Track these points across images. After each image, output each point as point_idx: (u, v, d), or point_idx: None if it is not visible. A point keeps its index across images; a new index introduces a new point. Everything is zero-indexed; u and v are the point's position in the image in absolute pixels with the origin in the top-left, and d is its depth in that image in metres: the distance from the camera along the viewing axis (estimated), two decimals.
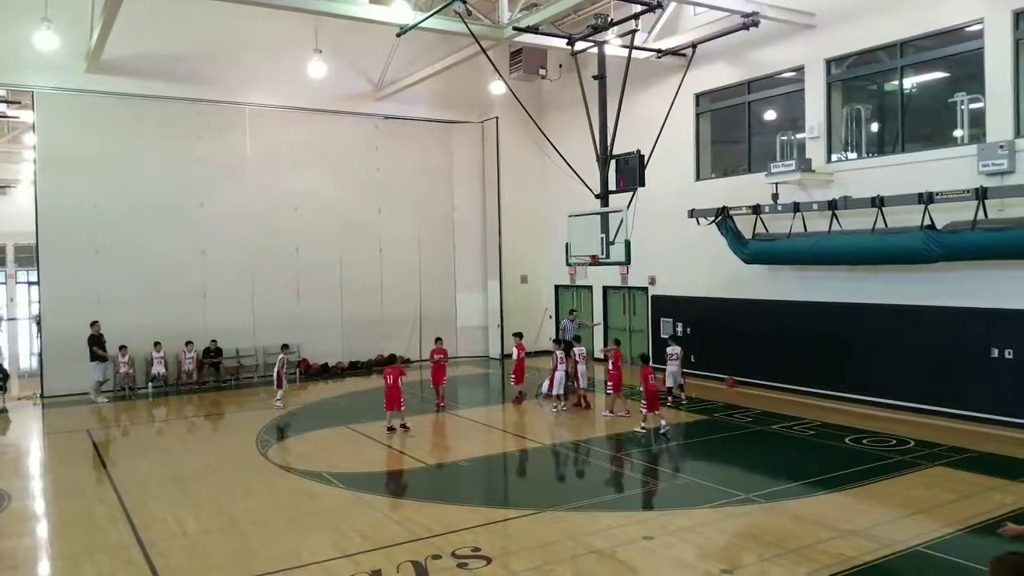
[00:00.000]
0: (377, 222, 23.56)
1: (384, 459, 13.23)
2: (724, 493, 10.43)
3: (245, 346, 21.43)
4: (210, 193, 20.93)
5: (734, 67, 18.69)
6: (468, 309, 25.16)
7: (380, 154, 23.60)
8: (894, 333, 15.25)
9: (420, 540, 8.85)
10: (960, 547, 8.33)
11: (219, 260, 21.03)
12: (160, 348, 19.80)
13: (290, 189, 21.99)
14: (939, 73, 15.62)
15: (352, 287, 23.09)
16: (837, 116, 16.73)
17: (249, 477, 11.94)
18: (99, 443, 14.43)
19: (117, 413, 17.55)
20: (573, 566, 8.08)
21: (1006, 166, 13.15)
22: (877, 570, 7.83)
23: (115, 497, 10.81)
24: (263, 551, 8.70)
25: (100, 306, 19.24)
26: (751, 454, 12.87)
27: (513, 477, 12.75)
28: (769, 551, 8.35)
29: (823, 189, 16.31)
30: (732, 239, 17.45)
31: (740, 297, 18.45)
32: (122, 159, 19.86)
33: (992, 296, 13.72)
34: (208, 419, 17.10)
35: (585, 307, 23.74)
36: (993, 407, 13.75)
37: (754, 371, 18.17)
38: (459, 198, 25.17)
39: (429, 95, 23.43)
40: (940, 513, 9.42)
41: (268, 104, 21.62)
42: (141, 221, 19.98)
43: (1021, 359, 13.37)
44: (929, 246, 13.58)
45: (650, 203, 17.39)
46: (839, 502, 10.06)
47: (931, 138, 15.56)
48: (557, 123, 22.42)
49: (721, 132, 20.31)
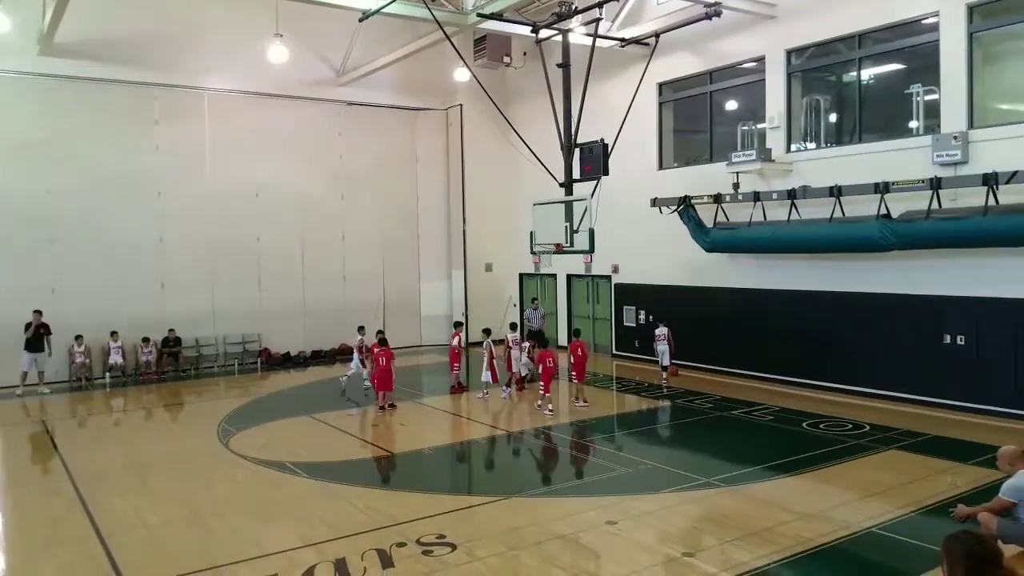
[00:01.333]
0: (340, 210, 23.35)
1: (347, 448, 13.17)
2: (685, 478, 10.58)
3: (205, 335, 21.14)
4: (168, 180, 20.53)
5: (697, 57, 18.83)
6: (432, 298, 25.09)
7: (343, 141, 23.38)
8: (851, 320, 15.55)
9: (384, 528, 8.84)
10: (913, 528, 8.56)
11: (178, 248, 20.68)
12: (117, 338, 19.43)
13: (251, 176, 21.67)
14: (896, 65, 15.90)
15: (314, 276, 22.89)
16: (797, 107, 16.96)
17: (210, 467, 11.84)
18: (55, 435, 14.16)
19: (73, 404, 17.24)
20: (537, 551, 8.14)
21: (959, 157, 13.45)
22: (834, 551, 8.02)
23: (72, 489, 10.62)
24: (225, 541, 8.63)
25: (55, 296, 18.85)
26: (712, 439, 13.06)
27: (477, 465, 12.78)
28: (730, 534, 8.50)
29: (783, 179, 16.54)
30: (694, 228, 17.63)
31: (701, 285, 18.67)
32: (77, 145, 19.37)
33: (945, 284, 14.06)
34: (167, 409, 16.87)
35: (549, 296, 23.83)
36: (945, 392, 14.12)
37: (715, 358, 18.41)
38: (423, 186, 25.06)
39: (392, 82, 23.27)
40: (894, 495, 9.66)
41: (227, 89, 21.27)
42: (97, 209, 19.55)
43: (973, 345, 13.73)
44: (884, 235, 13.86)
45: (614, 192, 17.50)
46: (797, 485, 10.27)
47: (887, 129, 15.84)
48: (521, 111, 22.39)
49: (684, 122, 20.47)
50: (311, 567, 7.74)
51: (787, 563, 7.70)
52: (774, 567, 7.61)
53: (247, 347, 21.57)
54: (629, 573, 7.55)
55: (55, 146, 19.12)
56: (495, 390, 16.64)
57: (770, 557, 7.81)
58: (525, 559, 7.95)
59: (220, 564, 7.90)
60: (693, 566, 7.69)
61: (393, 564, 7.81)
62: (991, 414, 13.39)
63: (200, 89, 20.92)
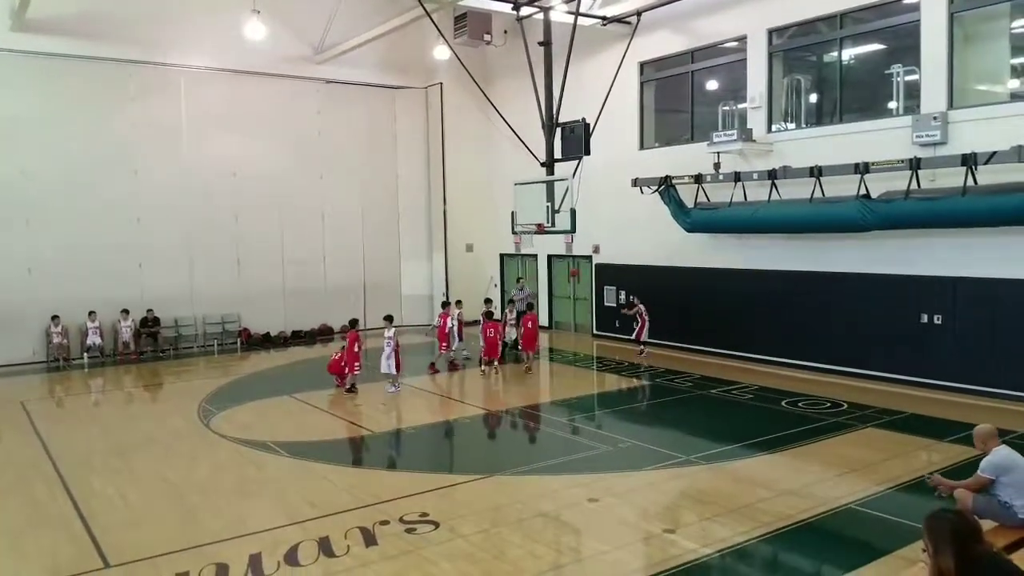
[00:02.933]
0: (319, 189, 23.16)
1: (329, 428, 13.16)
2: (666, 456, 10.67)
3: (184, 315, 20.98)
4: (144, 159, 20.25)
5: (678, 36, 18.77)
6: (413, 278, 25.01)
7: (321, 119, 23.16)
8: (830, 300, 15.69)
9: (368, 507, 8.87)
10: (890, 504, 8.69)
11: (155, 228, 20.44)
12: (95, 318, 19.25)
13: (228, 155, 21.41)
14: (877, 45, 15.95)
15: (294, 255, 22.73)
16: (778, 87, 16.98)
17: (192, 448, 11.79)
18: (33, 415, 14.04)
19: (52, 384, 17.09)
20: (520, 528, 8.19)
21: (939, 137, 13.54)
22: (813, 527, 8.13)
23: (53, 470, 10.55)
24: (208, 521, 8.62)
25: (32, 276, 18.61)
26: (692, 418, 13.16)
27: (459, 443, 12.80)
28: (710, 511, 8.59)
29: (763, 159, 16.58)
30: (675, 208, 17.66)
31: (682, 265, 18.74)
32: (50, 123, 19.05)
33: (923, 264, 14.20)
34: (147, 390, 16.75)
35: (530, 276, 23.83)
36: (923, 371, 14.29)
37: (695, 337, 18.53)
38: (403, 165, 24.90)
39: (372, 59, 23.03)
40: (871, 472, 9.79)
41: (204, 66, 20.97)
42: (72, 188, 19.25)
43: (950, 325, 13.90)
44: (864, 215, 13.96)
45: (595, 172, 17.46)
46: (776, 463, 10.39)
47: (868, 109, 15.92)
48: (502, 90, 22.26)
49: (665, 101, 20.45)
50: (295, 545, 7.75)
51: (767, 539, 7.81)
52: (754, 543, 7.71)
53: (226, 327, 21.44)
54: (611, 549, 7.62)
55: (29, 124, 18.79)
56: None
57: (750, 533, 7.91)
58: (508, 536, 8.00)
59: (203, 543, 7.89)
60: (674, 542, 7.77)
61: (377, 542, 7.84)
62: (967, 392, 13.59)
63: (176, 66, 20.60)
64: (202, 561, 7.41)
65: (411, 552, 7.60)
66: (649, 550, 7.73)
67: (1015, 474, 6.73)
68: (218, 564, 7.37)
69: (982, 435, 7.05)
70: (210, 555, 7.58)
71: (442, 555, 7.53)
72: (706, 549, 7.55)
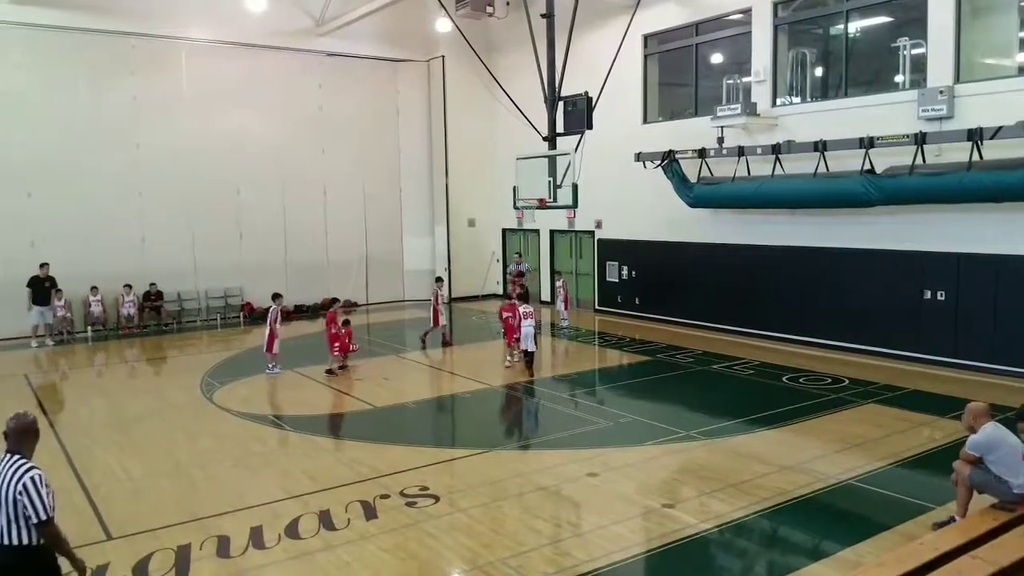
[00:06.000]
0: (321, 163, 23.07)
1: (330, 402, 13.21)
2: (666, 431, 10.69)
3: (186, 289, 21.01)
4: (146, 132, 20.15)
5: (683, 8, 18.55)
6: (415, 253, 24.98)
7: (323, 92, 23.02)
8: (832, 275, 15.64)
9: (368, 480, 8.91)
10: (890, 480, 8.70)
11: (157, 201, 20.41)
12: (97, 292, 19.28)
13: (230, 128, 21.33)
14: (883, 18, 15.76)
15: (296, 229, 22.70)
16: (783, 60, 16.80)
17: (194, 421, 11.84)
18: (37, 388, 14.11)
19: (55, 358, 17.14)
20: (519, 502, 8.24)
21: (945, 112, 13.41)
22: (812, 502, 8.15)
23: (56, 442, 10.60)
24: (209, 494, 8.68)
25: (34, 249, 18.60)
26: (692, 393, 13.17)
27: (459, 418, 12.85)
28: (709, 486, 8.62)
29: (767, 133, 16.45)
30: (677, 183, 17.56)
31: (684, 240, 18.66)
32: (51, 96, 18.98)
33: (926, 240, 14.13)
34: (150, 363, 16.81)
35: (532, 251, 23.78)
36: (925, 347, 14.27)
37: (697, 313, 18.51)
38: (405, 139, 24.77)
39: (373, 32, 22.82)
40: (872, 448, 9.80)
41: (205, 39, 20.80)
42: (74, 161, 19.19)
43: (952, 301, 13.85)
44: (868, 190, 13.86)
45: (597, 146, 17.34)
46: (776, 438, 10.40)
47: (873, 83, 15.77)
48: (504, 63, 22.11)
49: (668, 75, 20.26)
50: (295, 518, 7.80)
51: (766, 514, 7.83)
52: (753, 518, 7.74)
53: (229, 301, 21.48)
54: (610, 524, 7.65)
55: (29, 98, 18.73)
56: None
57: (749, 508, 7.94)
58: (507, 510, 8.04)
59: (204, 516, 7.95)
60: (673, 517, 7.80)
61: (377, 515, 7.89)
62: (969, 368, 13.57)
63: (177, 39, 20.44)
64: (203, 533, 7.47)
65: (412, 525, 7.65)
66: (648, 524, 7.76)
67: (1002, 452, 6.75)
68: (219, 536, 7.43)
69: (972, 412, 7.06)
70: (211, 527, 7.64)
71: (442, 528, 7.57)
72: (705, 524, 7.58)
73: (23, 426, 5.17)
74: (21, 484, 4.90)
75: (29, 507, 4.89)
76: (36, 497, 4.90)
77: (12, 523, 4.93)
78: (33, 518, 4.91)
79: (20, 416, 5.21)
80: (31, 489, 4.90)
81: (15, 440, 5.11)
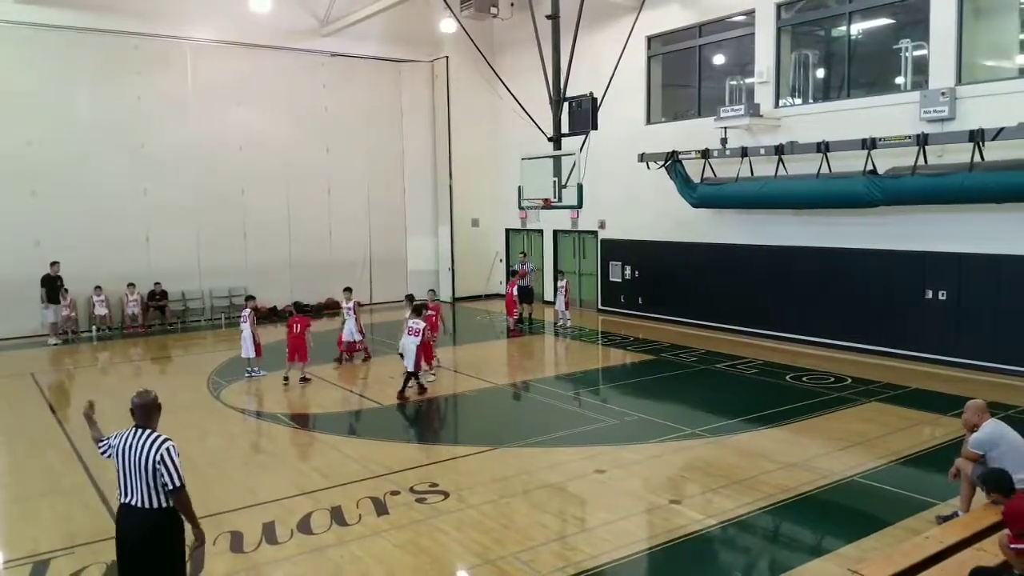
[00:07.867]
0: (325, 163, 23.17)
1: (338, 400, 13.29)
2: (671, 429, 10.79)
3: (191, 289, 21.11)
4: (151, 132, 20.27)
5: (686, 10, 18.66)
6: (419, 253, 25.07)
7: (327, 93, 23.12)
8: (835, 275, 15.74)
9: (378, 477, 9.02)
10: (893, 477, 8.81)
11: (162, 201, 20.52)
12: (101, 291, 19.37)
13: (234, 128, 21.44)
14: (885, 20, 15.85)
15: (300, 229, 22.81)
16: (786, 61, 16.90)
17: (203, 419, 11.92)
18: (44, 387, 14.21)
19: (61, 357, 17.23)
20: (527, 499, 8.34)
21: (947, 113, 13.51)
22: (815, 499, 8.26)
23: (66, 441, 10.71)
24: (220, 490, 8.77)
25: (39, 249, 18.70)
26: (697, 392, 13.28)
27: (466, 416, 12.94)
28: (714, 482, 8.72)
29: (770, 134, 16.55)
30: (681, 183, 17.66)
31: (687, 241, 18.77)
32: (57, 96, 19.09)
33: (928, 239, 14.23)
34: (156, 362, 16.91)
35: (536, 251, 23.87)
36: (927, 346, 14.37)
37: (700, 312, 18.61)
38: (409, 139, 24.86)
39: (377, 32, 22.93)
40: (874, 446, 9.91)
41: (210, 39, 20.91)
42: (79, 161, 19.30)
43: (954, 300, 13.95)
44: (871, 191, 13.96)
45: (601, 146, 17.45)
46: (780, 436, 10.50)
47: (876, 84, 15.86)
48: (509, 64, 22.20)
49: (672, 76, 20.36)
50: (307, 514, 7.91)
51: (770, 511, 7.94)
52: (757, 514, 7.85)
53: (233, 300, 21.54)
54: (617, 519, 7.76)
55: (35, 97, 18.82)
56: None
57: (753, 505, 8.04)
58: (516, 506, 8.14)
59: (217, 512, 8.03)
60: (679, 512, 7.91)
61: (388, 511, 7.99)
62: (971, 367, 13.68)
63: (182, 39, 20.55)
64: (216, 529, 7.54)
65: (422, 521, 7.75)
66: (654, 520, 7.86)
67: (1003, 447, 6.84)
68: (232, 532, 7.53)
69: (972, 410, 7.15)
70: (224, 524, 7.73)
71: (452, 524, 7.68)
72: (710, 520, 7.69)
73: (148, 402, 5.65)
74: (159, 454, 5.32)
75: (166, 475, 5.30)
76: (172, 466, 5.32)
77: (152, 489, 5.33)
78: (169, 485, 5.31)
79: (144, 394, 5.67)
80: (167, 459, 5.32)
81: (143, 415, 5.59)
